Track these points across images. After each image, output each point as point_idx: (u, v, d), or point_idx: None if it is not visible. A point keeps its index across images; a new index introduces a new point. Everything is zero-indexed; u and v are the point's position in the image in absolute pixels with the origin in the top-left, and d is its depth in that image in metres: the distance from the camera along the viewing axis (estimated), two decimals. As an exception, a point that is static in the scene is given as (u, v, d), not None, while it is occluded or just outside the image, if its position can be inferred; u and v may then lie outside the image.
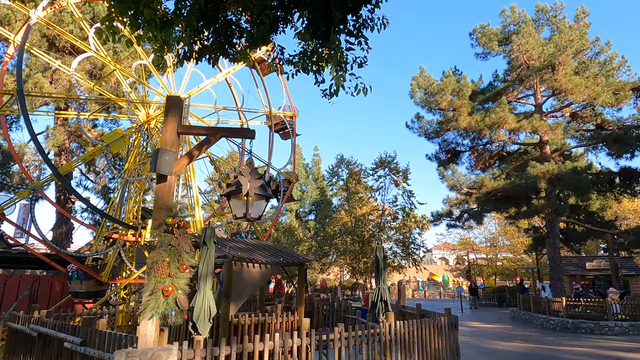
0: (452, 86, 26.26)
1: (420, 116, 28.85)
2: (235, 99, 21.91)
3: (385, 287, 11.36)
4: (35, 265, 16.01)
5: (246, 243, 11.56)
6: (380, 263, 11.52)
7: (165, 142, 5.73)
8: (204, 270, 7.73)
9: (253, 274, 10.25)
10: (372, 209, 24.46)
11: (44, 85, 17.85)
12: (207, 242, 7.96)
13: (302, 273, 11.34)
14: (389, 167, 23.67)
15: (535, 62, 24.54)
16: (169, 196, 5.59)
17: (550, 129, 24.24)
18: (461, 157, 30.47)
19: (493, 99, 26.87)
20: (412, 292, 55.34)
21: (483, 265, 48.60)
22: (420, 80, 25.87)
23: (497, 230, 45.75)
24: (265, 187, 5.78)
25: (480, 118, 24.15)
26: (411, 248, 24.26)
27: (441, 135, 28.94)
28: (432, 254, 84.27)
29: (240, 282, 9.90)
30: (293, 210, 54.10)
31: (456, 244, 53.22)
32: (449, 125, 26.26)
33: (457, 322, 10.73)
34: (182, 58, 5.73)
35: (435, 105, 25.87)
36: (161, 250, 5.22)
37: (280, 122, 23.01)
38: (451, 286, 54.11)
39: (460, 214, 29.36)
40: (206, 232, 7.99)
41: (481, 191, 24.40)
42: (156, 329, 5.13)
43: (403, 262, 25.18)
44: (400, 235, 24.64)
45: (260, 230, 21.25)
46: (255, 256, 10.30)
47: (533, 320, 21.69)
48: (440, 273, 62.89)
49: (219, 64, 21.30)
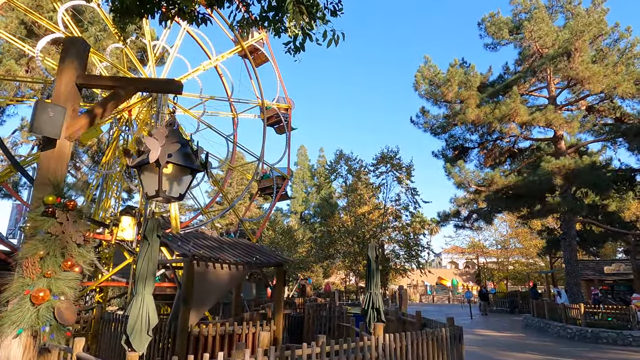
0: (460, 78, 24.63)
1: (425, 110, 27.24)
2: (226, 89, 20.57)
3: (377, 292, 9.85)
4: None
5: (218, 241, 10.09)
6: (372, 264, 10.02)
7: (57, 95, 4.30)
8: (144, 270, 6.27)
9: (220, 276, 8.77)
10: (373, 208, 22.88)
11: (18, 72, 16.64)
12: (148, 236, 6.52)
13: (280, 275, 9.83)
14: (391, 163, 22.09)
15: (548, 50, 22.82)
16: (58, 168, 4.14)
17: (565, 122, 22.47)
18: (469, 154, 28.74)
19: (503, 91, 25.15)
20: (420, 297, 53.53)
21: (494, 269, 46.57)
22: (425, 70, 24.29)
23: (508, 233, 43.73)
24: (190, 156, 4.30)
25: (489, 110, 22.47)
26: (415, 250, 22.61)
27: (448, 131, 27.26)
28: (440, 257, 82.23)
29: (203, 285, 8.43)
30: (298, 212, 52.62)
31: (465, 247, 51.24)
32: (456, 119, 24.58)
33: (461, 333, 9.13)
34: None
35: (441, 97, 24.25)
36: (35, 240, 3.76)
37: (275, 115, 21.61)
38: (460, 291, 52.15)
39: (468, 214, 27.61)
40: (147, 224, 6.55)
41: (491, 189, 22.67)
42: (26, 350, 3.66)
43: (406, 265, 23.53)
44: (403, 235, 22.99)
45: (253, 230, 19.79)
46: (222, 255, 8.81)
47: (548, 329, 19.94)
48: (449, 277, 60.88)
49: (207, 51, 20.02)
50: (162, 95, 15.41)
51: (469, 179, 23.17)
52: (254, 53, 21.41)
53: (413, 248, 22.56)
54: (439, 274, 64.82)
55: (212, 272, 8.65)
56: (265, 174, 21.20)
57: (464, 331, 12.11)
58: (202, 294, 8.38)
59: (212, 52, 19.35)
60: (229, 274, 8.91)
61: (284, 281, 9.85)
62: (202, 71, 18.16)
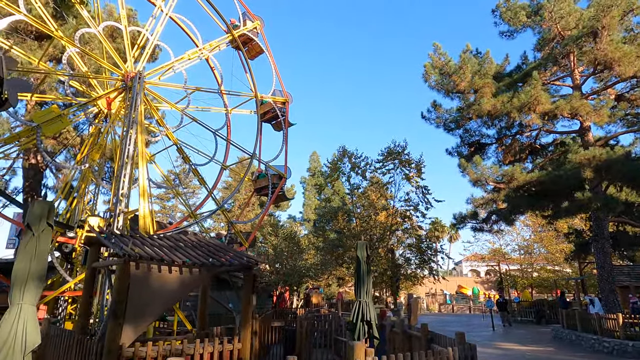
0: (473, 67, 22.66)
1: (437, 104, 25.22)
2: (218, 81, 19.04)
3: (368, 301, 8.00)
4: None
5: (178, 240, 8.37)
6: (362, 266, 8.19)
7: None
8: (23, 272, 4.60)
9: (167, 282, 7.05)
10: (380, 209, 20.94)
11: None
12: (33, 226, 4.85)
13: (249, 280, 8.04)
14: (399, 159, 20.14)
15: (571, 32, 20.65)
16: None
17: (593, 111, 20.21)
18: (487, 150, 26.53)
19: (522, 80, 23.02)
20: (439, 307, 50.84)
21: (517, 276, 43.65)
22: (435, 59, 22.38)
23: (532, 237, 40.88)
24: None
25: (506, 99, 20.39)
26: (427, 254, 20.50)
27: (462, 125, 25.15)
28: (461, 265, 79.06)
29: (143, 293, 6.71)
30: (311, 220, 50.69)
31: (486, 254, 48.41)
32: (470, 111, 22.51)
33: (474, 354, 7.15)
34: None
35: (453, 88, 22.28)
36: None
37: (271, 110, 19.98)
38: (482, 300, 49.33)
39: (487, 215, 25.31)
40: (32, 208, 4.89)
41: (511, 186, 20.48)
42: None
43: (419, 272, 21.40)
44: (415, 238, 20.91)
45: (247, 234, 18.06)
46: (169, 255, 7.09)
47: (581, 342, 17.66)
48: (469, 285, 58.03)
49: (194, 38, 18.56)
50: (137, 85, 13.97)
51: (486, 175, 21.03)
52: (247, 44, 19.92)
53: (425, 252, 20.46)
54: (459, 282, 61.99)
55: (155, 277, 6.93)
56: (260, 173, 19.53)
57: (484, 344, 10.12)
58: (140, 304, 6.66)
59: (199, 40, 17.88)
60: (179, 280, 7.18)
61: (253, 288, 8.06)
62: (188, 60, 16.70)
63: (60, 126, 12.45)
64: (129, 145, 12.73)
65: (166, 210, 49.71)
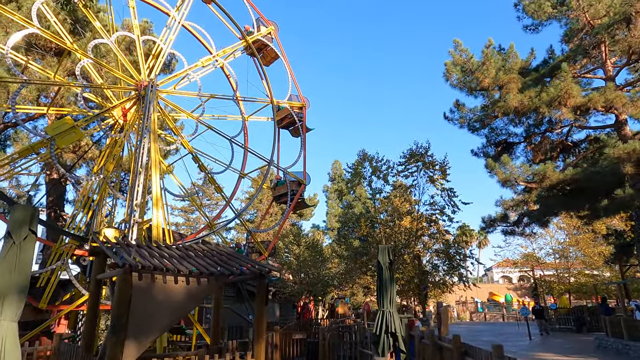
0: (497, 63, 21.70)
1: (460, 104, 24.28)
2: (233, 87, 18.78)
3: (393, 311, 7.29)
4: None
5: (185, 249, 7.90)
6: (383, 272, 7.50)
7: None
8: (2, 284, 4.17)
9: (173, 293, 6.55)
10: (405, 213, 20.10)
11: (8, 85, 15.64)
12: (13, 233, 4.42)
13: (262, 289, 7.47)
14: (422, 161, 19.30)
15: (601, 20, 19.49)
16: None
17: (630, 102, 18.91)
18: (515, 150, 25.31)
19: (550, 74, 21.89)
20: (470, 315, 48.96)
21: (553, 282, 41.53)
22: (455, 56, 21.55)
23: (567, 240, 38.83)
24: None
25: (534, 94, 19.34)
26: (456, 260, 19.47)
27: (488, 124, 24.11)
28: (492, 271, 76.48)
29: (147, 305, 6.22)
30: (335, 228, 49.97)
31: (518, 259, 46.36)
32: (495, 108, 21.51)
33: (514, 369, 6.33)
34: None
35: (476, 85, 21.36)
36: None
37: (288, 116, 19.58)
38: (516, 307, 47.24)
39: (518, 217, 24.06)
40: (14, 214, 4.46)
41: (543, 185, 19.32)
42: None
43: (447, 279, 20.36)
44: (442, 244, 19.93)
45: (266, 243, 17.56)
46: (174, 264, 6.60)
47: (629, 351, 16.33)
48: (501, 292, 55.84)
49: (208, 45, 18.41)
50: (150, 93, 13.79)
51: (515, 175, 19.94)
52: (262, 49, 19.63)
53: (454, 258, 19.45)
54: (490, 289, 59.84)
55: (160, 288, 6.45)
56: (279, 181, 19.07)
57: (522, 355, 9.21)
58: (144, 317, 6.17)
59: (213, 47, 17.72)
60: (185, 291, 6.67)
61: (266, 298, 7.48)
62: (202, 67, 16.50)
63: (74, 137, 12.33)
64: (143, 154, 12.50)
65: (190, 222, 49.99)
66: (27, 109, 14.86)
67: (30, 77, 16.45)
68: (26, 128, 13.14)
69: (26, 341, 10.35)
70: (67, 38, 14.20)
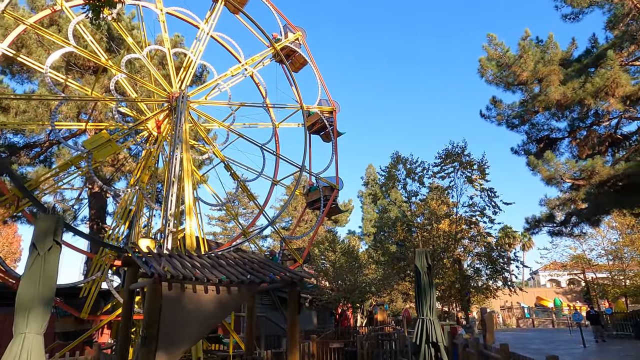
0: (535, 56, 20.65)
1: (496, 100, 23.27)
2: (263, 95, 18.83)
3: (433, 319, 6.82)
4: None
5: (217, 257, 7.77)
6: (422, 277, 7.05)
7: None
8: (28, 297, 4.11)
9: (203, 303, 6.41)
10: (442, 216, 19.33)
11: (50, 102, 16.34)
12: (38, 244, 4.36)
13: (294, 297, 7.20)
14: (458, 161, 18.53)
15: (651, 2, 18.18)
16: None
17: (686, 88, 17.47)
18: (558, 146, 23.93)
19: (594, 64, 20.61)
20: (517, 321, 46.81)
21: (606, 285, 38.94)
22: (490, 51, 20.69)
23: (621, 240, 36.34)
24: None
25: (578, 85, 18.22)
26: (500, 263, 18.47)
27: (528, 120, 22.96)
28: (538, 274, 73.03)
29: (178, 315, 6.11)
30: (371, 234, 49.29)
31: (567, 261, 43.82)
32: (535, 103, 20.44)
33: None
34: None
35: (513, 79, 20.39)
36: None
37: (318, 121, 19.40)
38: (566, 312, 44.72)
39: (566, 217, 22.69)
40: (39, 224, 4.41)
41: (592, 181, 18.10)
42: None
43: (490, 283, 19.35)
44: (484, 247, 18.98)
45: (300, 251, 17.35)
46: (204, 273, 6.45)
47: (698, 360, 14.85)
48: (550, 297, 53.11)
49: (236, 54, 18.55)
50: (181, 104, 14.00)
51: (561, 171, 18.80)
52: (290, 56, 19.62)
53: (497, 261, 18.47)
54: (537, 293, 57.10)
55: (190, 298, 6.32)
56: (312, 186, 18.88)
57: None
58: (175, 327, 6.05)
59: (241, 56, 17.83)
60: (216, 300, 6.51)
61: (298, 307, 7.21)
62: (231, 76, 16.62)
63: (110, 150, 12.65)
64: (175, 164, 12.65)
65: (227, 231, 50.72)
66: (68, 125, 15.53)
67: (70, 95, 17.12)
68: (65, 143, 13.71)
69: (69, 351, 10.56)
70: (103, 55, 14.68)
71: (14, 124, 15.91)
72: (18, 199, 11.95)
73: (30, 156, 20.84)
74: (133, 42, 14.50)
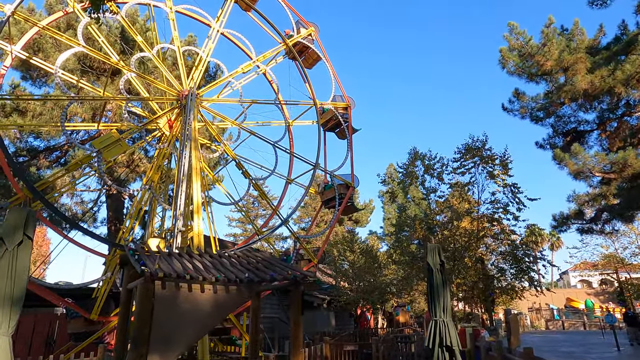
0: (560, 44, 19.67)
1: (519, 92, 22.29)
2: (276, 92, 18.51)
3: (447, 320, 6.27)
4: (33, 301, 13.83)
5: (219, 256, 7.43)
6: (434, 275, 6.51)
7: None
8: None
9: (199, 303, 6.06)
10: (463, 213, 18.56)
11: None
12: (5, 237, 4.05)
13: (297, 297, 6.77)
14: (479, 156, 17.73)
15: (685, -18, 17.02)
16: None
17: None
18: (587, 139, 22.76)
19: (624, 51, 19.46)
20: (546, 323, 45.12)
21: (641, 285, 37.04)
22: (511, 40, 19.82)
23: (656, 238, 34.43)
24: None
25: (607, 73, 17.21)
26: (525, 263, 17.57)
27: (553, 113, 21.92)
28: (568, 275, 70.45)
29: (172, 316, 5.77)
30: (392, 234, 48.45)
31: (598, 261, 41.89)
32: (561, 94, 19.45)
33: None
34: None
35: (537, 69, 19.48)
36: None
37: (333, 117, 18.96)
38: (598, 314, 42.80)
39: (596, 213, 21.53)
40: (8, 216, 4.13)
41: (624, 175, 17.07)
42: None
43: (515, 283, 18.42)
44: (508, 246, 18.09)
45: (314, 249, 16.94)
46: (200, 272, 6.10)
47: None
48: (581, 298, 51.02)
49: (247, 51, 18.31)
50: (190, 102, 13.81)
51: (590, 165, 17.79)
52: (303, 52, 19.23)
53: (522, 260, 17.57)
54: (567, 294, 55.00)
55: (185, 297, 5.97)
56: (327, 185, 18.43)
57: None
58: (168, 329, 5.71)
59: (252, 52, 17.58)
60: (212, 300, 6.15)
61: (301, 307, 6.78)
62: (242, 73, 16.37)
63: (120, 150, 12.55)
64: (184, 162, 12.45)
65: (247, 232, 50.73)
66: (81, 127, 15.62)
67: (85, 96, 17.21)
68: (75, 143, 13.80)
69: (80, 351, 10.44)
70: (114, 55, 14.66)
71: (30, 126, 16.13)
72: (29, 199, 11.95)
73: (49, 159, 21.10)
74: (142, 41, 14.42)
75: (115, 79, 17.78)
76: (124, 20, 14.03)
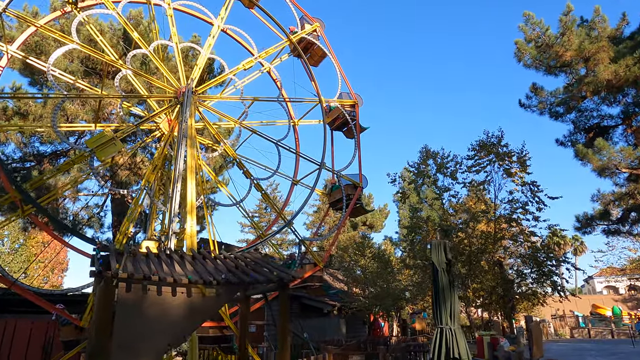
0: (580, 34, 18.58)
1: (537, 87, 21.23)
2: (280, 88, 17.88)
3: (455, 328, 5.41)
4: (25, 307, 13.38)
5: (203, 257, 6.72)
6: (440, 276, 5.67)
7: None
8: None
9: (171, 308, 5.35)
10: (479, 214, 17.53)
11: (66, 107, 16.14)
12: None
13: (284, 300, 6.00)
14: (495, 152, 16.70)
15: None
16: None
17: None
18: (611, 134, 21.51)
19: (650, 40, 18.28)
20: (571, 331, 43.10)
21: (673, 291, 35.00)
22: (527, 31, 18.82)
23: (688, 240, 32.49)
24: None
25: (632, 61, 16.08)
26: (547, 266, 16.42)
27: (574, 107, 20.76)
28: (593, 280, 67.74)
29: (137, 323, 5.07)
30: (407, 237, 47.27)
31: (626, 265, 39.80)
32: (582, 87, 18.36)
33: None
34: None
35: (555, 61, 18.43)
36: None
37: (340, 116, 18.22)
38: (627, 321, 40.68)
39: (623, 213, 20.24)
40: None
41: (654, 170, 15.84)
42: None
43: (537, 288, 17.23)
44: (529, 248, 16.96)
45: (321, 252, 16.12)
46: (171, 273, 5.40)
47: None
48: (608, 304, 48.74)
49: (249, 47, 17.75)
50: (187, 99, 13.28)
51: (615, 161, 16.62)
52: (308, 49, 18.58)
53: (544, 264, 16.43)
54: (592, 300, 52.65)
55: (153, 301, 5.26)
56: (334, 185, 17.65)
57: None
58: (133, 339, 5.00)
59: (254, 49, 17.01)
60: (186, 304, 5.43)
61: (288, 312, 6.01)
62: (243, 70, 15.77)
63: (114, 149, 12.07)
64: (179, 161, 11.89)
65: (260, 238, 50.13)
66: (76, 127, 15.33)
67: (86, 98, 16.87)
68: (68, 142, 13.40)
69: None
70: (111, 52, 14.27)
71: (29, 128, 15.91)
72: (20, 201, 11.53)
73: (55, 165, 20.88)
74: (139, 37, 13.97)
75: (104, 72, 17.48)
76: (119, 16, 13.64)
